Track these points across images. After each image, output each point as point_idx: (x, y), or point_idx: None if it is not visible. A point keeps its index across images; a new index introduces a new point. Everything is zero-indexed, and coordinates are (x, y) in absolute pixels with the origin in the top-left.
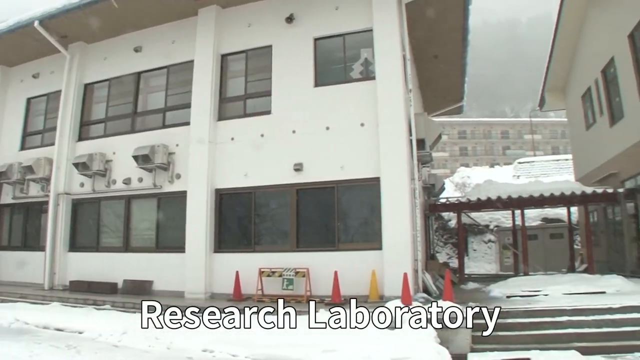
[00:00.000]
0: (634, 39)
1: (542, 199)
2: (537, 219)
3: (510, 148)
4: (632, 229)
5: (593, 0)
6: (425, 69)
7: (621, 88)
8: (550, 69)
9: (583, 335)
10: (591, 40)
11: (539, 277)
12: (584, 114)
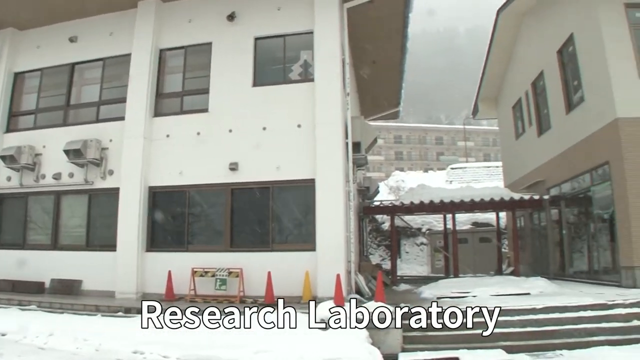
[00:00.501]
0: (562, 55)
1: (472, 203)
2: (468, 223)
3: (444, 154)
4: (555, 233)
5: (525, 18)
6: (364, 74)
7: (549, 101)
8: (484, 79)
9: (508, 335)
10: (523, 54)
11: (469, 279)
12: (514, 124)
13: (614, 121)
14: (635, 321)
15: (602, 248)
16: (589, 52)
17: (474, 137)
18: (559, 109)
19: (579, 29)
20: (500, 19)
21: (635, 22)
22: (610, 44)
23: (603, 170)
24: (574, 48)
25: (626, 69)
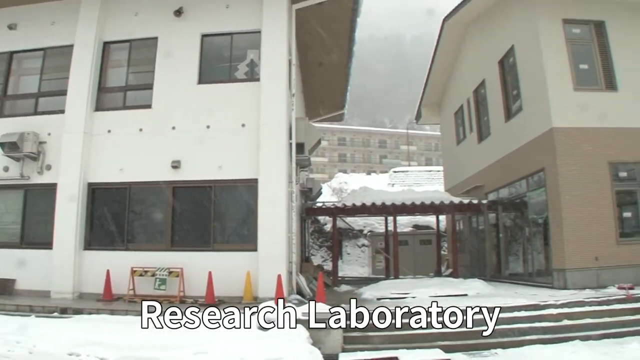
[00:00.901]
0: (503, 65)
1: (413, 206)
2: (409, 226)
3: (387, 157)
4: (492, 237)
5: (470, 28)
6: (310, 75)
7: (489, 108)
8: (428, 85)
9: (446, 335)
10: (466, 62)
11: (408, 280)
12: (455, 130)
13: (550, 130)
14: (566, 320)
15: (536, 251)
16: (528, 63)
17: (416, 142)
18: (498, 117)
19: (520, 41)
20: (445, 28)
21: (572, 37)
22: (548, 56)
23: (539, 176)
24: (514, 59)
25: (562, 81)
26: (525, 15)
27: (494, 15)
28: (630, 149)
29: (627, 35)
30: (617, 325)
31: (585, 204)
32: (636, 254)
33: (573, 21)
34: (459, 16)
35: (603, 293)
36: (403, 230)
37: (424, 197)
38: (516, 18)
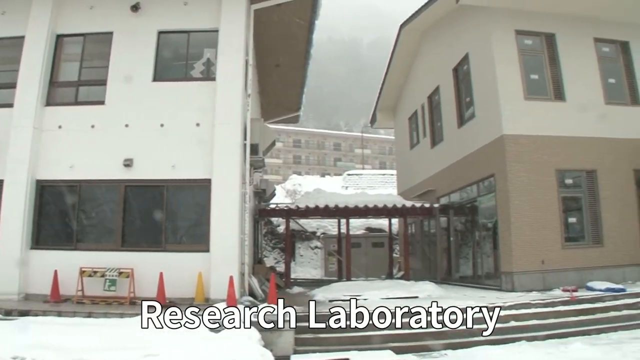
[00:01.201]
0: (457, 72)
1: (366, 209)
2: (362, 228)
3: (341, 160)
4: (443, 240)
5: (426, 35)
6: (267, 76)
7: (443, 114)
8: (383, 90)
9: (395, 336)
10: (422, 68)
11: (361, 282)
12: (409, 134)
13: (500, 137)
14: (512, 322)
15: (485, 255)
16: (482, 72)
17: (371, 145)
18: (451, 123)
19: (474, 50)
20: (402, 34)
21: (524, 48)
22: (501, 66)
23: (489, 182)
24: (468, 67)
25: (514, 90)
26: (480, 25)
27: (449, 23)
28: (576, 157)
29: (575, 47)
30: (561, 326)
31: (533, 209)
32: (580, 258)
33: (525, 32)
34: (416, 23)
35: (548, 295)
36: (356, 233)
37: (377, 200)
38: (471, 27)
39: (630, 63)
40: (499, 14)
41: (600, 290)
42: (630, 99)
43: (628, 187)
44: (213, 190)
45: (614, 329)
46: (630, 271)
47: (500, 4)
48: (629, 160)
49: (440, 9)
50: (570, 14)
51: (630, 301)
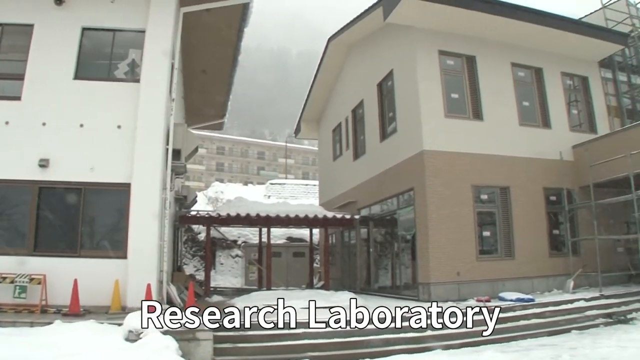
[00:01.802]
0: (381, 87)
1: (288, 219)
2: (283, 238)
3: (264, 169)
4: (363, 251)
5: (353, 49)
6: (193, 81)
7: (366, 128)
8: (309, 101)
9: (317, 346)
10: (347, 82)
11: (280, 292)
12: (332, 146)
13: (420, 152)
14: (428, 331)
15: (404, 266)
16: (405, 88)
17: (294, 155)
18: (374, 137)
19: (398, 67)
20: (330, 47)
21: (446, 68)
22: (424, 84)
23: (409, 195)
24: (392, 83)
25: (435, 108)
26: (405, 43)
27: (376, 39)
28: (491, 173)
29: (493, 70)
30: (475, 334)
31: (449, 223)
32: (493, 270)
33: (448, 53)
34: (344, 37)
35: (463, 305)
36: (277, 242)
37: (299, 210)
38: (397, 44)
39: (543, 88)
40: (424, 34)
41: (511, 301)
42: (542, 121)
43: (538, 204)
44: (132, 195)
45: (523, 337)
46: (539, 282)
47: (426, 25)
48: (539, 179)
49: (368, 25)
50: (490, 38)
51: (538, 310)
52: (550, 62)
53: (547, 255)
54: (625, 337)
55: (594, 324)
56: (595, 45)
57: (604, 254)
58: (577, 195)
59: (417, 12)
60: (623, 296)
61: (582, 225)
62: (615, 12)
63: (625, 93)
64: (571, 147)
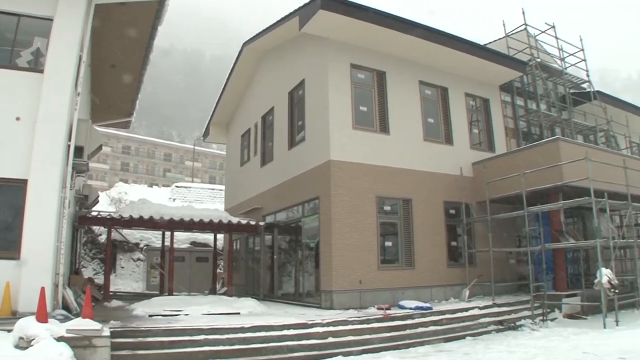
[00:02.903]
0: (292, 96)
1: (192, 223)
2: (187, 242)
3: (171, 171)
4: (267, 258)
5: (267, 56)
6: (101, 76)
7: (275, 135)
8: (219, 104)
9: (218, 352)
10: (259, 88)
11: (183, 297)
12: (241, 151)
13: (327, 162)
14: (331, 338)
15: (307, 273)
16: (315, 98)
17: (202, 159)
18: (282, 144)
19: (310, 77)
20: (244, 52)
21: (357, 81)
22: (334, 95)
23: (314, 204)
24: (303, 92)
25: (343, 119)
26: (319, 54)
27: (290, 47)
28: (395, 186)
29: (402, 86)
30: (375, 341)
31: (353, 232)
32: (394, 279)
33: (359, 67)
34: (259, 43)
35: (364, 313)
36: (180, 247)
37: (204, 215)
38: (310, 55)
39: (447, 107)
40: (338, 46)
41: (410, 309)
42: (445, 138)
43: (438, 217)
44: (29, 192)
45: (421, 343)
46: (437, 291)
47: (340, 38)
48: (440, 193)
49: (284, 33)
50: (401, 56)
51: (436, 318)
52: (455, 83)
53: (446, 266)
54: (514, 343)
55: (486, 331)
56: (497, 70)
57: (497, 265)
58: (474, 210)
59: (332, 25)
60: (513, 304)
61: (478, 237)
62: (517, 41)
63: (521, 116)
64: (471, 164)
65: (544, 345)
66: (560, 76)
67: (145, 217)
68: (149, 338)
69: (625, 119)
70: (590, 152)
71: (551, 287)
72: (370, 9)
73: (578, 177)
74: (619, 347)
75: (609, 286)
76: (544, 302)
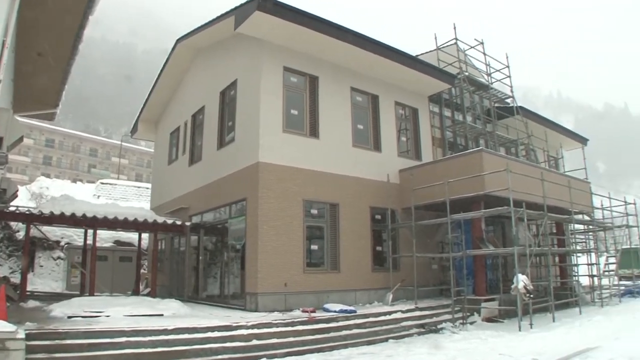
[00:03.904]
0: (224, 95)
1: (116, 221)
2: (110, 241)
3: (96, 167)
4: (193, 259)
5: (201, 54)
6: (26, 63)
7: (205, 134)
8: (149, 100)
9: (140, 355)
10: (191, 85)
11: (105, 298)
12: (169, 150)
13: (256, 164)
14: (255, 340)
15: (233, 275)
16: (247, 99)
17: (129, 156)
18: (211, 144)
19: (243, 77)
20: (178, 48)
21: (289, 84)
22: (266, 97)
23: (241, 205)
24: (235, 92)
25: (274, 122)
26: (253, 55)
27: (225, 47)
28: (323, 190)
29: (334, 92)
30: (299, 344)
31: (279, 235)
32: (319, 282)
33: (292, 70)
34: (193, 40)
35: (289, 315)
36: (103, 245)
37: (128, 213)
38: (244, 55)
39: (377, 114)
40: (272, 48)
41: (335, 312)
42: (374, 145)
43: (364, 221)
44: None
45: (345, 346)
46: (361, 295)
47: (274, 40)
48: (367, 198)
49: (218, 32)
50: (334, 62)
51: (360, 321)
52: (386, 91)
53: (370, 270)
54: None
55: (409, 334)
56: (427, 81)
57: (420, 270)
58: (399, 216)
59: (267, 27)
60: (435, 308)
61: (402, 243)
62: (447, 54)
63: (448, 127)
64: (398, 171)
65: (464, 347)
66: (486, 90)
67: (67, 214)
68: (67, 340)
69: (545, 134)
70: (511, 164)
71: (471, 292)
72: (306, 13)
73: (499, 187)
74: (532, 349)
75: (525, 291)
76: (464, 306)
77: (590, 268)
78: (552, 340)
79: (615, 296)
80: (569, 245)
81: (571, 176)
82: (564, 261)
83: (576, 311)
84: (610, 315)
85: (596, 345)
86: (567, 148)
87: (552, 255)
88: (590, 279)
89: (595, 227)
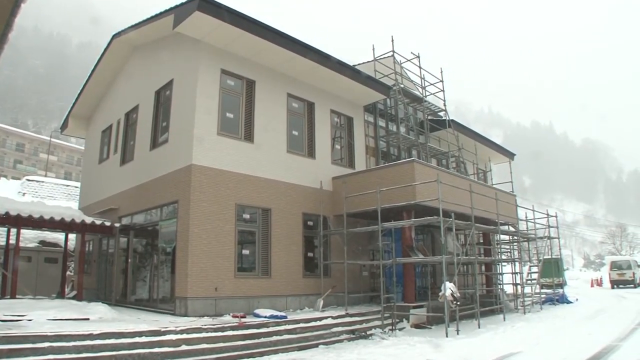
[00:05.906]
0: (159, 95)
1: (42, 220)
2: (35, 241)
3: (22, 163)
4: (122, 261)
5: (137, 51)
6: None
7: (137, 134)
8: (82, 96)
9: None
10: (126, 83)
11: (27, 301)
12: (100, 148)
13: (189, 166)
14: (184, 346)
15: (163, 278)
16: (182, 100)
17: (58, 152)
18: (144, 144)
19: (179, 78)
20: (114, 43)
21: (226, 87)
22: (201, 99)
23: (173, 207)
24: (171, 93)
25: (209, 124)
26: (190, 56)
27: (162, 45)
28: (255, 194)
29: (270, 97)
30: (230, 349)
31: (211, 239)
32: (250, 287)
33: (230, 73)
34: (131, 36)
35: (219, 321)
36: (27, 246)
37: (55, 212)
38: (182, 55)
39: (312, 121)
40: (210, 50)
41: (265, 317)
42: (308, 151)
43: (296, 227)
44: None
45: (275, 352)
46: (292, 300)
47: (213, 42)
48: (300, 204)
49: (156, 30)
50: (272, 67)
51: (290, 327)
52: (322, 99)
53: (302, 276)
54: (365, 351)
55: (339, 340)
56: (363, 91)
57: (351, 277)
58: (332, 223)
59: (207, 28)
60: (365, 314)
61: (334, 249)
62: (384, 66)
63: (382, 137)
64: (331, 178)
65: (393, 352)
66: (420, 103)
67: None
68: None
69: (474, 147)
70: (441, 175)
71: (400, 299)
72: (246, 16)
73: (429, 197)
74: (459, 354)
75: (452, 299)
76: (394, 312)
77: (514, 277)
78: (478, 345)
79: (537, 303)
80: (494, 255)
81: (498, 189)
82: (490, 270)
83: (500, 318)
84: (532, 322)
85: (519, 350)
86: (495, 162)
87: (479, 264)
88: (514, 287)
89: (520, 238)
